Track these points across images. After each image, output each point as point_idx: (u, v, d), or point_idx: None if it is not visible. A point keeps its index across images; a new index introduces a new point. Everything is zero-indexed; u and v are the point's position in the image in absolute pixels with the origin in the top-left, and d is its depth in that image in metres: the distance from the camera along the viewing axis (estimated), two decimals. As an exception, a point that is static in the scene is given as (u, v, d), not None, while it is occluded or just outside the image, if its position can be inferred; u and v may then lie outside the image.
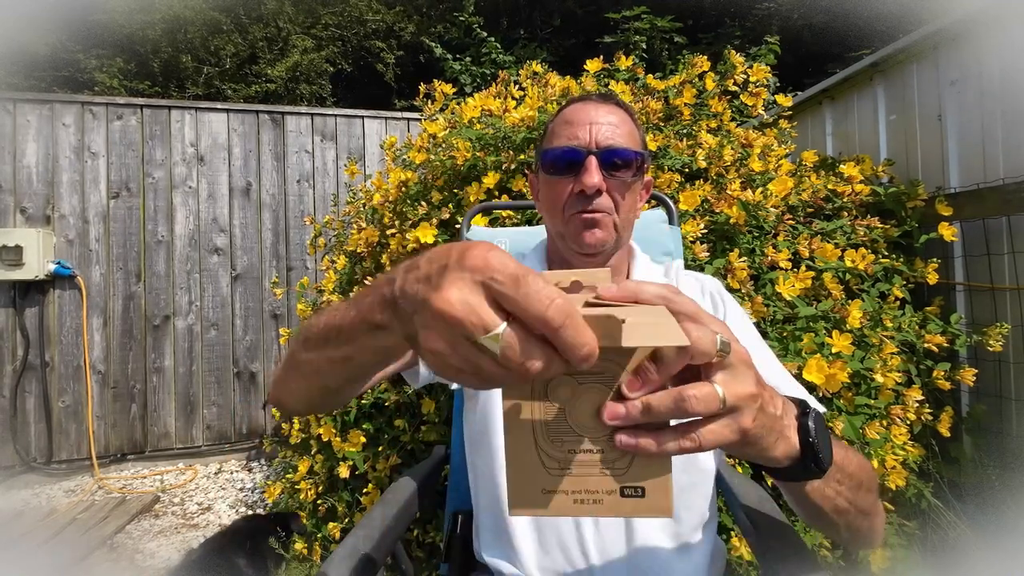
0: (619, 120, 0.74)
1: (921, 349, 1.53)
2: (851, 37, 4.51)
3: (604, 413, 0.34)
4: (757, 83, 1.89)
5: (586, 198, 0.71)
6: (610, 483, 0.35)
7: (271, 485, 1.99)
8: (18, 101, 2.80)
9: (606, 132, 0.72)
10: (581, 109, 0.75)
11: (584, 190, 0.70)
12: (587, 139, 0.72)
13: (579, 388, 0.35)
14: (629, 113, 0.77)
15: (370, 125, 3.33)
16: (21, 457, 2.76)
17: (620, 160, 0.71)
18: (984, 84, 1.70)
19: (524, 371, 0.29)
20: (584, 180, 0.70)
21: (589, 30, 4.98)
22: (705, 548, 0.71)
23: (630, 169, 0.72)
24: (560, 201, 0.74)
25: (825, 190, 1.76)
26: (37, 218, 2.81)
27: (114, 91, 4.34)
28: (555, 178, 0.74)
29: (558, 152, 0.73)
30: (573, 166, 0.72)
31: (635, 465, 0.35)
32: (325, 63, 4.98)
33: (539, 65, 2.03)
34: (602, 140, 0.71)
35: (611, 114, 0.74)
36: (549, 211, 0.77)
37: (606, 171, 0.71)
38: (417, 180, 1.83)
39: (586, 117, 0.73)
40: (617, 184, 0.72)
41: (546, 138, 0.79)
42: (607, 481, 0.35)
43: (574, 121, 0.74)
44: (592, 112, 0.74)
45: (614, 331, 0.31)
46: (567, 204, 0.73)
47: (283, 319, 3.15)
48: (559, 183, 0.73)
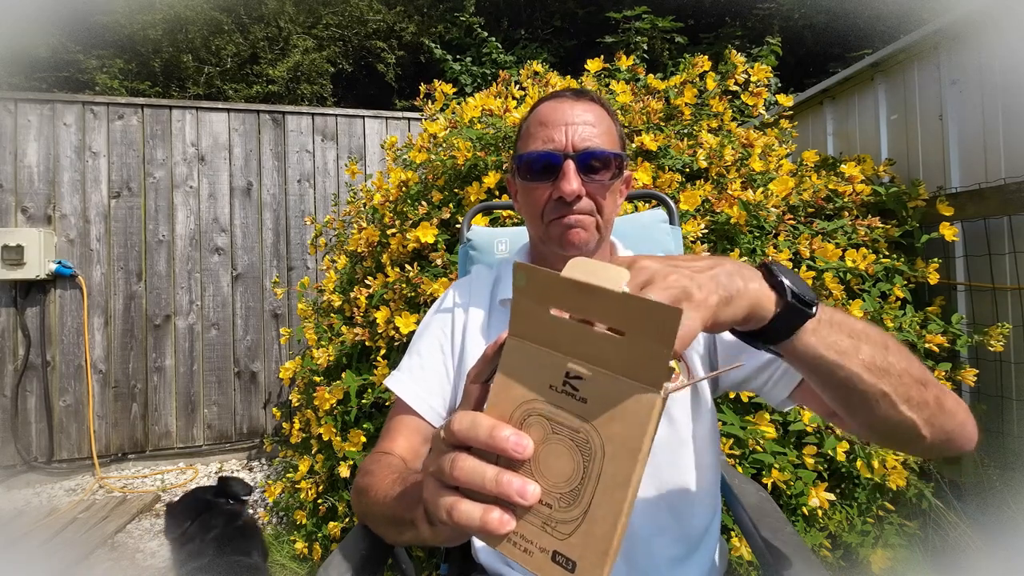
0: (595, 118, 0.71)
1: (922, 349, 1.53)
2: (852, 37, 4.50)
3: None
4: (758, 83, 1.88)
5: (566, 204, 0.69)
6: (548, 542, 0.33)
7: (272, 484, 1.99)
8: (19, 101, 2.81)
9: (583, 133, 0.69)
10: (556, 108, 0.72)
11: (563, 196, 0.68)
12: (563, 142, 0.69)
13: (551, 435, 0.34)
14: (606, 108, 0.75)
15: (371, 125, 3.33)
16: (22, 456, 2.76)
17: (598, 162, 0.69)
18: (985, 83, 1.70)
19: (506, 491, 0.32)
20: (563, 187, 0.67)
21: (590, 30, 4.97)
22: (706, 548, 0.71)
23: (609, 170, 0.70)
24: (539, 207, 0.71)
25: (826, 190, 1.76)
26: (38, 218, 2.81)
27: (115, 92, 4.34)
28: (532, 183, 0.71)
29: (533, 156, 0.70)
30: (550, 171, 0.69)
31: (578, 535, 0.32)
32: (326, 63, 4.98)
33: (540, 65, 2.03)
34: (579, 142, 0.69)
35: (587, 112, 0.71)
36: (529, 216, 0.75)
37: (584, 174, 0.68)
38: (418, 180, 1.83)
39: (561, 117, 0.70)
40: (597, 187, 0.69)
41: (520, 140, 0.76)
42: (546, 539, 0.33)
43: (548, 122, 0.71)
44: (567, 111, 0.71)
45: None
46: (546, 210, 0.71)
47: (284, 319, 3.15)
48: (536, 189, 0.71)
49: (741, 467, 1.35)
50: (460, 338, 0.78)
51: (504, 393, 0.35)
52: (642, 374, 0.31)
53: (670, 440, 0.68)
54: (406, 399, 0.74)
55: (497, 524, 0.32)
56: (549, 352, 0.34)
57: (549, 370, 0.34)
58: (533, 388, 0.34)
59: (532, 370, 0.35)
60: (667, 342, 0.29)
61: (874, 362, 0.46)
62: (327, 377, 1.79)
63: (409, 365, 0.78)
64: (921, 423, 0.48)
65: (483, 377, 0.39)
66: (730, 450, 1.33)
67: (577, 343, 0.33)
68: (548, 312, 0.34)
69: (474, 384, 0.40)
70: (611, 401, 0.32)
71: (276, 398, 3.13)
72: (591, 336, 0.32)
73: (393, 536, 0.58)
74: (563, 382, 0.33)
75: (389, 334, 1.56)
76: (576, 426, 0.33)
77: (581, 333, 0.33)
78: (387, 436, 0.73)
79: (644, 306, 0.30)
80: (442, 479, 0.35)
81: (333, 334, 1.80)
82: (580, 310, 0.33)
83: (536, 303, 0.34)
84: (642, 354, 0.31)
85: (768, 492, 0.80)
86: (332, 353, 1.71)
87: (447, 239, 1.62)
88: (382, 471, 0.62)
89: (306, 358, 1.90)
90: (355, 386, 1.60)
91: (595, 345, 0.32)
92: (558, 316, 0.33)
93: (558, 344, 0.34)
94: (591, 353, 0.32)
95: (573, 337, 0.33)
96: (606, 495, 0.32)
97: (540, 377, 0.34)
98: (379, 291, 1.64)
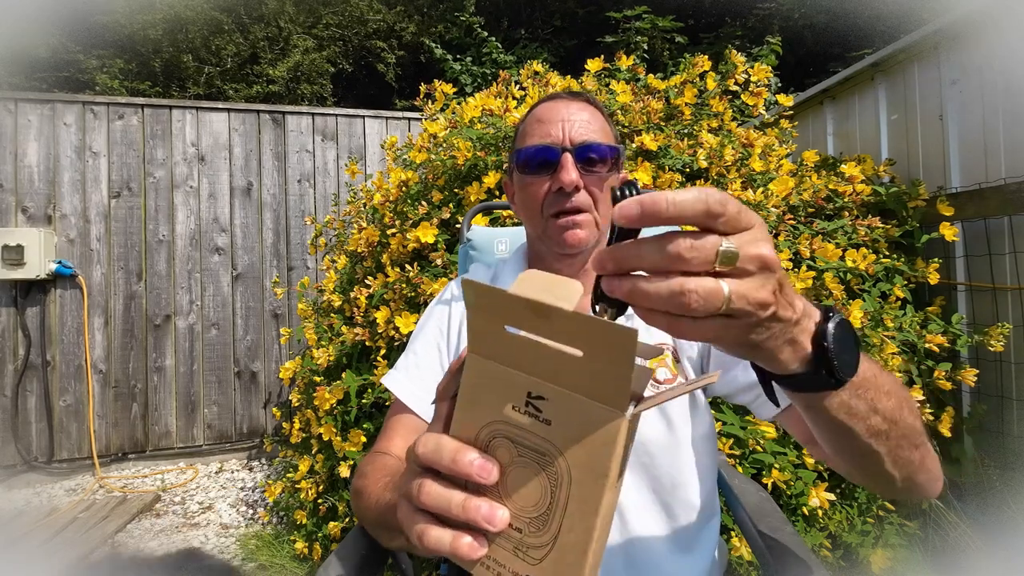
0: (591, 116, 0.73)
1: (922, 349, 1.53)
2: (852, 37, 4.50)
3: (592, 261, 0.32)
4: (758, 83, 1.88)
5: (564, 195, 0.70)
6: (520, 567, 0.32)
7: (272, 484, 1.99)
8: (19, 101, 2.81)
9: (579, 128, 0.71)
10: (552, 107, 0.74)
11: (562, 187, 0.69)
12: (561, 136, 0.71)
13: (517, 459, 0.32)
14: (600, 109, 0.77)
15: (371, 125, 3.33)
16: (22, 456, 2.76)
17: (596, 155, 0.70)
18: (985, 84, 1.70)
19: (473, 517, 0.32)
20: (561, 177, 0.69)
21: (590, 30, 4.97)
22: (705, 548, 0.71)
23: (606, 164, 0.71)
24: (537, 201, 0.72)
25: (826, 190, 1.75)
26: (38, 217, 2.81)
27: (115, 92, 4.34)
28: (530, 177, 0.73)
29: (532, 151, 0.72)
30: (548, 164, 0.71)
31: (548, 562, 0.31)
32: (326, 63, 4.97)
33: (540, 65, 2.04)
34: (576, 136, 0.70)
35: (582, 111, 0.73)
36: (527, 213, 0.76)
37: (582, 167, 0.70)
38: (418, 180, 1.83)
39: (558, 115, 0.72)
40: (594, 180, 0.71)
41: (518, 138, 0.78)
42: (518, 563, 0.32)
43: (546, 119, 0.73)
44: (563, 110, 0.73)
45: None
46: (545, 204, 0.72)
47: (284, 319, 3.15)
48: (535, 183, 0.72)
49: (741, 467, 1.35)
50: (456, 336, 0.78)
51: (468, 413, 0.34)
52: (605, 395, 0.29)
53: (668, 442, 0.68)
54: (403, 398, 0.74)
55: (467, 550, 0.32)
56: (509, 371, 0.32)
57: (511, 390, 0.32)
58: (496, 408, 0.33)
59: (494, 389, 0.33)
60: (626, 363, 0.27)
61: (880, 428, 0.44)
62: (327, 377, 1.79)
63: (406, 364, 0.79)
64: (900, 478, 0.48)
65: (450, 392, 0.37)
66: (730, 450, 1.33)
67: (536, 362, 0.31)
68: (503, 330, 0.31)
69: (442, 401, 0.38)
70: (575, 423, 0.30)
71: (276, 398, 3.13)
72: (550, 354, 0.30)
73: (386, 540, 0.58)
74: (526, 402, 0.31)
75: (389, 334, 1.56)
76: (542, 449, 0.31)
77: (539, 351, 0.30)
78: (385, 435, 0.73)
79: (598, 327, 0.28)
80: (412, 503, 0.34)
81: (333, 334, 1.80)
82: (534, 329, 0.30)
83: (489, 321, 0.32)
84: (602, 374, 0.29)
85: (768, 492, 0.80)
86: (332, 353, 1.72)
87: (447, 239, 1.62)
88: (375, 473, 0.62)
89: (306, 358, 1.90)
90: (355, 386, 1.60)
91: (555, 364, 0.30)
92: (515, 333, 0.31)
93: (518, 362, 0.31)
94: (552, 372, 0.30)
95: (532, 356, 0.31)
96: (575, 522, 0.30)
97: (503, 397, 0.32)
98: (379, 291, 1.64)
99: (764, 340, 0.34)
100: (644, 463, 0.67)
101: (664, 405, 0.69)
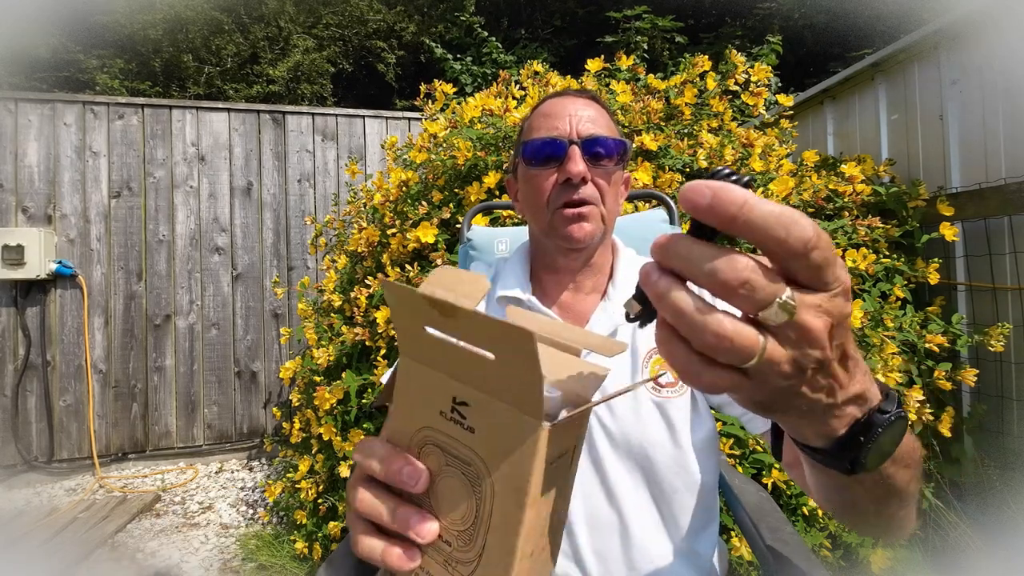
0: (597, 113, 0.74)
1: (922, 349, 1.53)
2: (852, 37, 4.50)
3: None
4: (758, 83, 1.88)
5: (571, 187, 0.70)
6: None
7: (272, 484, 1.99)
8: (20, 101, 2.81)
9: (586, 123, 0.72)
10: (559, 103, 0.75)
11: (570, 178, 0.69)
12: (567, 129, 0.71)
13: (446, 467, 0.31)
14: (605, 108, 0.78)
15: (371, 125, 3.33)
16: (22, 456, 2.76)
17: (602, 149, 0.71)
18: (985, 84, 1.70)
19: (402, 528, 0.32)
20: (569, 168, 0.69)
21: (590, 30, 4.97)
22: (706, 549, 0.71)
23: (612, 158, 0.72)
24: (543, 194, 0.72)
25: (826, 190, 1.75)
26: (39, 217, 2.81)
27: (115, 91, 4.34)
28: (537, 170, 0.73)
29: (539, 143, 0.72)
30: (555, 157, 0.71)
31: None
32: (326, 63, 4.97)
33: (540, 65, 2.03)
34: (583, 130, 0.71)
35: (589, 107, 0.74)
36: (532, 207, 0.75)
37: (589, 160, 0.70)
38: (418, 180, 1.83)
39: (564, 109, 0.73)
40: (601, 173, 0.71)
41: (524, 133, 0.78)
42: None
43: (553, 114, 0.73)
44: (570, 105, 0.73)
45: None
46: (551, 197, 0.72)
47: (284, 319, 3.15)
48: (541, 175, 0.72)
49: (741, 467, 1.35)
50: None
51: (401, 416, 0.33)
52: (522, 402, 0.27)
53: (669, 446, 0.68)
54: None
55: (397, 562, 0.31)
56: (435, 373, 0.30)
57: (438, 394, 0.30)
58: (425, 413, 0.31)
59: (424, 393, 0.31)
60: (532, 367, 0.25)
61: (882, 496, 0.41)
62: (327, 377, 1.79)
63: None
64: (876, 525, 0.47)
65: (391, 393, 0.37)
66: (730, 450, 1.33)
67: (459, 365, 0.29)
68: (424, 330, 0.29)
69: (387, 402, 0.36)
70: (496, 433, 0.28)
71: (276, 398, 3.13)
72: (468, 357, 0.28)
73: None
74: (451, 408, 0.30)
75: (389, 334, 1.56)
76: (467, 459, 0.30)
77: (459, 354, 0.28)
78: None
79: (497, 328, 0.25)
80: (351, 509, 0.34)
81: (333, 334, 1.80)
82: (445, 329, 0.28)
83: (412, 322, 0.30)
84: (516, 379, 0.26)
85: (768, 492, 0.80)
86: (332, 353, 1.72)
87: (447, 239, 1.62)
88: None
89: (306, 358, 1.90)
90: (355, 386, 1.60)
91: (475, 367, 0.28)
92: (433, 335, 0.29)
93: (442, 365, 0.30)
94: (472, 375, 0.29)
95: (453, 358, 0.29)
96: (497, 539, 0.29)
97: (431, 401, 0.31)
98: (379, 291, 1.64)
99: (785, 412, 0.30)
100: (644, 467, 0.67)
101: (666, 409, 0.68)
